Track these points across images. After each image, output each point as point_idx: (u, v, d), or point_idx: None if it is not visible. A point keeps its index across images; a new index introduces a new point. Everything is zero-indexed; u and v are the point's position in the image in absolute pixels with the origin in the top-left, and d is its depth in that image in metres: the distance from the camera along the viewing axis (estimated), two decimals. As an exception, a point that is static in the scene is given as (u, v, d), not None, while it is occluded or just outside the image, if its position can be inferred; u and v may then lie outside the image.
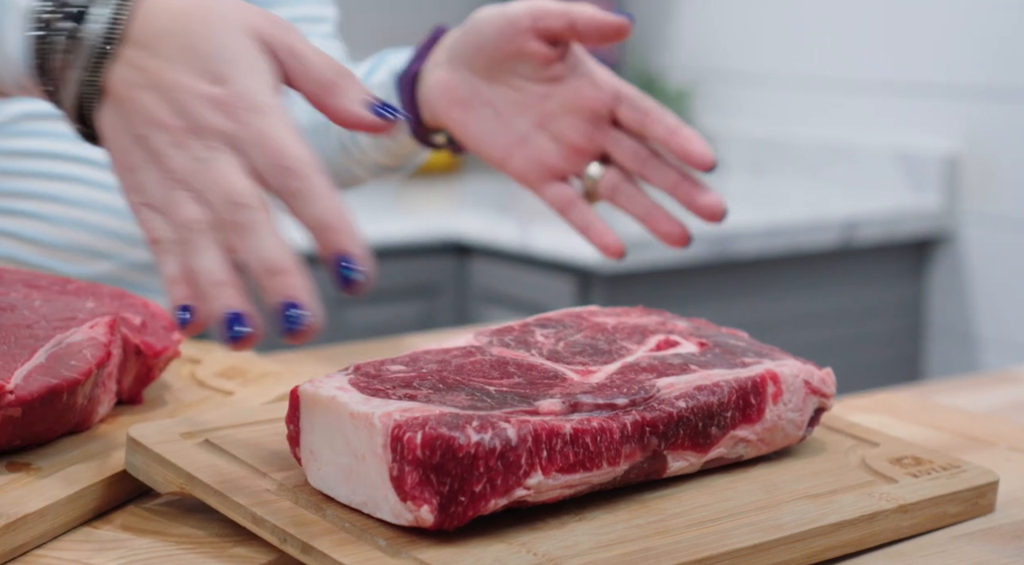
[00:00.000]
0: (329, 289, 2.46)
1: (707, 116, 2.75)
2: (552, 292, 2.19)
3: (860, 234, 2.25)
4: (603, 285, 2.12)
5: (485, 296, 2.32)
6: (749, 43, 2.67)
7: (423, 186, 2.67)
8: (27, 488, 0.64)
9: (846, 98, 2.50)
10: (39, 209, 0.95)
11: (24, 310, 0.72)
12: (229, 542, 0.64)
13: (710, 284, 2.19)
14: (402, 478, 0.59)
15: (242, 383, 0.82)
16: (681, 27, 2.79)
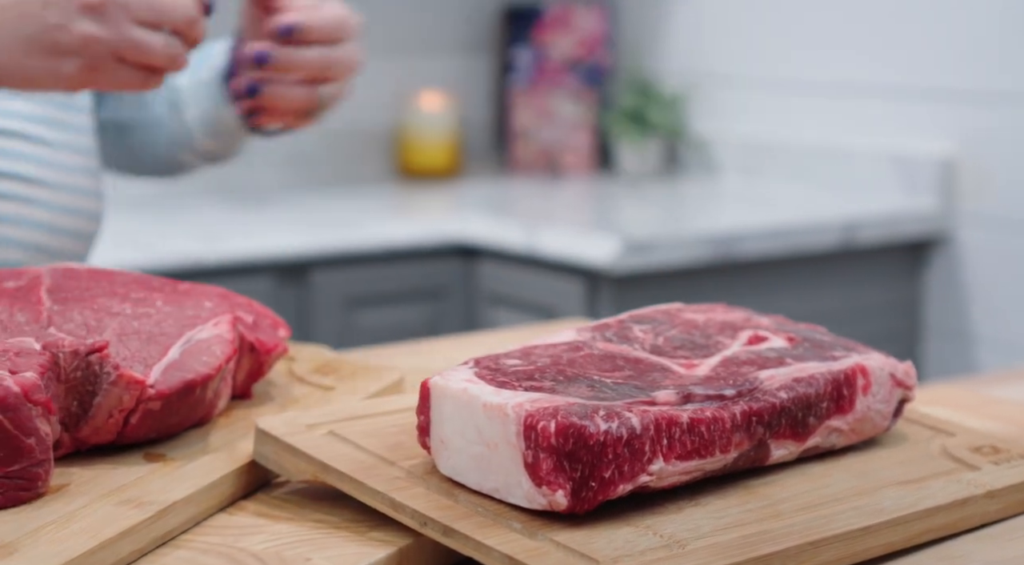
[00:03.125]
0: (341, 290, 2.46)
1: (702, 120, 2.80)
2: (560, 294, 2.23)
3: (859, 236, 2.30)
4: (611, 286, 2.17)
5: (492, 298, 2.35)
6: (744, 47, 2.72)
7: (426, 190, 2.70)
8: (168, 477, 0.67)
9: (841, 101, 2.56)
10: None
11: (150, 310, 0.76)
12: (364, 526, 0.67)
13: (714, 284, 2.23)
14: (536, 465, 0.63)
15: (338, 379, 0.85)
16: (676, 31, 2.84)
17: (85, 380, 0.67)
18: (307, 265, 2.22)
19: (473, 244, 2.34)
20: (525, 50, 2.87)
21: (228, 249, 2.15)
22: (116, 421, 0.68)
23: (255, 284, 2.15)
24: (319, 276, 2.24)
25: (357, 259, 2.27)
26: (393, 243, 2.30)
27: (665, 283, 2.20)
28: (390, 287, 2.32)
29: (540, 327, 1.29)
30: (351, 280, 2.27)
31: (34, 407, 0.62)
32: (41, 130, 1.00)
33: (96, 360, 0.67)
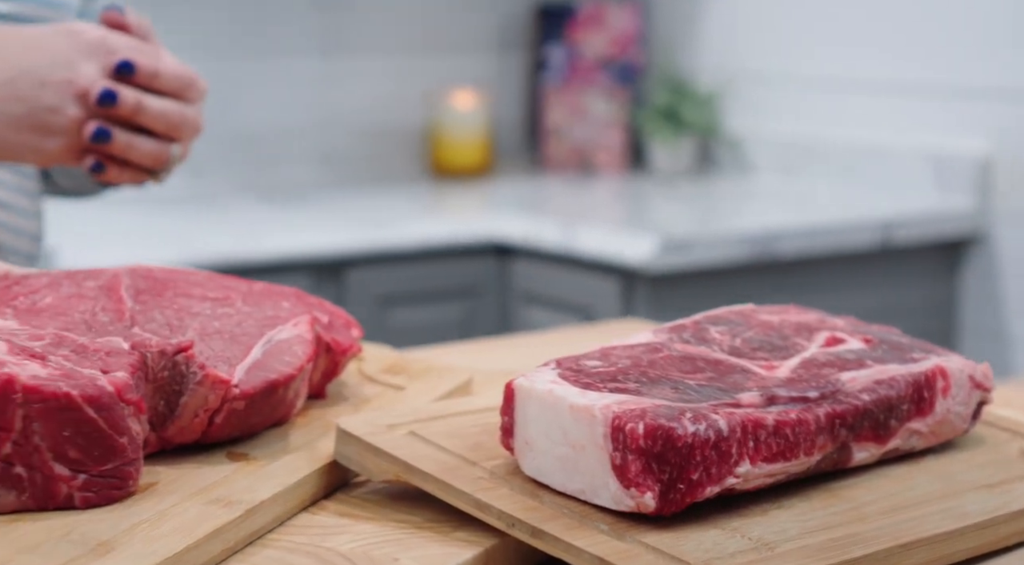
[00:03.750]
0: (376, 288, 2.47)
1: (737, 118, 2.79)
2: (596, 293, 2.23)
3: (896, 235, 2.30)
4: (647, 285, 2.17)
5: (527, 297, 2.35)
6: (779, 44, 2.72)
7: (459, 188, 2.70)
8: (253, 477, 0.68)
9: (877, 99, 2.55)
10: None
11: (229, 310, 0.76)
12: (447, 527, 0.67)
13: (752, 284, 2.23)
14: (625, 466, 0.63)
15: (408, 379, 0.86)
16: (710, 28, 2.84)
17: (172, 380, 0.67)
18: (342, 263, 2.23)
19: (507, 243, 2.34)
20: (558, 48, 2.87)
21: (265, 247, 2.16)
22: (201, 420, 0.68)
23: (291, 282, 2.15)
24: (354, 274, 2.24)
25: (392, 258, 2.27)
26: (427, 241, 2.30)
27: (702, 282, 2.19)
28: (424, 286, 2.33)
29: (585, 328, 1.29)
30: (386, 278, 2.28)
31: (126, 406, 0.62)
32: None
33: (182, 360, 0.67)
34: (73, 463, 0.61)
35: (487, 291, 2.38)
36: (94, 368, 0.63)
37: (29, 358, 0.63)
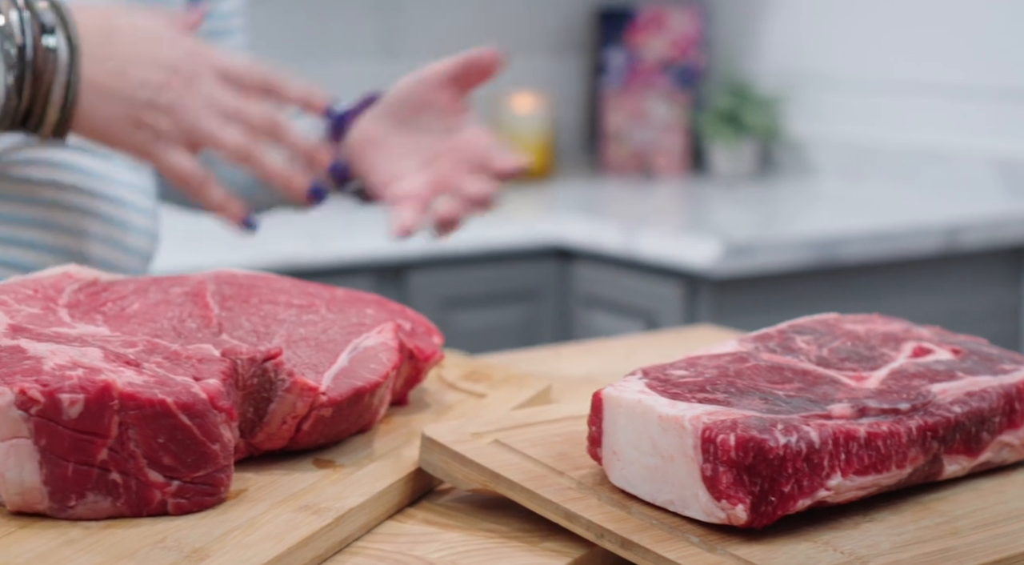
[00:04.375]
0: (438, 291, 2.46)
1: (798, 121, 2.77)
2: (658, 297, 2.22)
3: (962, 240, 2.27)
4: (711, 290, 2.15)
5: (588, 301, 2.35)
6: (841, 47, 2.70)
7: (519, 191, 2.70)
8: (340, 484, 0.68)
9: (940, 102, 2.52)
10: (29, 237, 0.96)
11: (314, 316, 0.76)
12: (536, 537, 0.67)
13: (815, 289, 2.21)
14: (715, 478, 0.63)
15: (489, 386, 0.86)
16: (771, 32, 2.82)
17: (261, 387, 0.67)
18: (404, 266, 2.23)
19: (568, 246, 2.34)
20: (618, 51, 2.86)
21: (328, 250, 2.17)
22: (289, 427, 0.69)
23: (354, 285, 2.16)
24: (416, 277, 2.25)
25: (453, 261, 2.28)
26: (489, 244, 2.30)
27: (765, 287, 2.18)
28: (486, 288, 2.33)
29: (658, 334, 1.28)
30: (447, 281, 2.28)
31: (219, 414, 0.63)
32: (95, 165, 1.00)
33: (271, 367, 0.67)
34: (167, 470, 0.62)
35: (548, 294, 2.38)
36: (187, 375, 0.64)
37: (124, 365, 0.63)
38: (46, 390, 0.59)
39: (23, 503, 0.60)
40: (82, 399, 0.59)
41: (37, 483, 0.59)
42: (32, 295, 0.72)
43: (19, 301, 0.70)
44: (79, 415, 0.60)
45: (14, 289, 0.72)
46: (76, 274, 0.77)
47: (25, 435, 0.59)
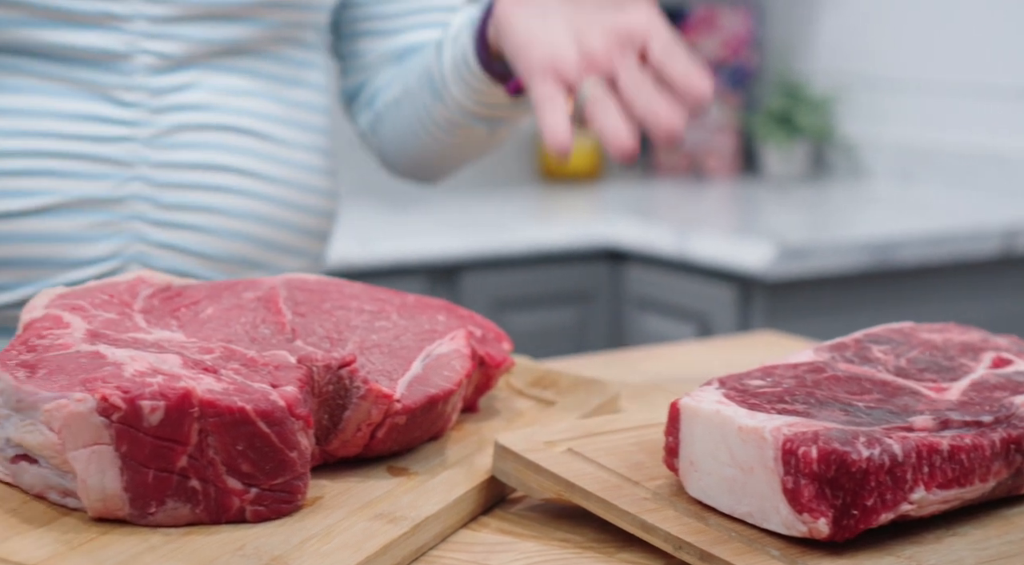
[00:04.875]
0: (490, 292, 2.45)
1: (853, 123, 2.75)
2: (711, 299, 2.21)
3: (1019, 243, 2.24)
4: (765, 293, 2.14)
5: (640, 303, 2.34)
6: (895, 47, 2.67)
7: (570, 193, 2.70)
8: (415, 492, 0.68)
9: (997, 104, 2.49)
10: (200, 221, 0.97)
11: (386, 323, 0.76)
12: (611, 547, 0.67)
13: (871, 292, 2.19)
14: (797, 491, 0.62)
15: (558, 393, 0.85)
16: (824, 32, 2.80)
17: (336, 394, 0.67)
18: (457, 267, 2.23)
19: (620, 248, 2.33)
20: (669, 52, 2.84)
21: (381, 251, 2.17)
22: (364, 435, 0.68)
23: (407, 286, 2.16)
24: (469, 278, 2.25)
25: (505, 262, 2.28)
26: (541, 246, 2.30)
27: (820, 290, 2.16)
28: (538, 290, 2.32)
29: (725, 340, 1.27)
30: (500, 283, 2.28)
31: (296, 421, 0.63)
32: (273, 128, 1.01)
33: (346, 374, 0.67)
34: (245, 477, 0.62)
35: (600, 296, 2.37)
36: (264, 382, 0.64)
37: (203, 372, 0.63)
38: (127, 397, 0.59)
39: (104, 509, 0.60)
40: (163, 406, 0.59)
41: (118, 489, 0.59)
42: (108, 300, 0.72)
43: (96, 306, 0.70)
44: (159, 422, 0.60)
45: (90, 294, 0.72)
46: (149, 279, 0.77)
47: (106, 441, 0.59)
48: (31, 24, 0.92)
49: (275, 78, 1.02)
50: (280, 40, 1.02)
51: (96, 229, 0.93)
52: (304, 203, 1.02)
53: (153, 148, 0.94)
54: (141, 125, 0.94)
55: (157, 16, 0.95)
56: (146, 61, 0.95)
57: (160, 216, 0.95)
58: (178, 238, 0.96)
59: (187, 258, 0.96)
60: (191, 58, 0.97)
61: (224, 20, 0.98)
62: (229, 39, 0.99)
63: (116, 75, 0.94)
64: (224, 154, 0.98)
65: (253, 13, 0.99)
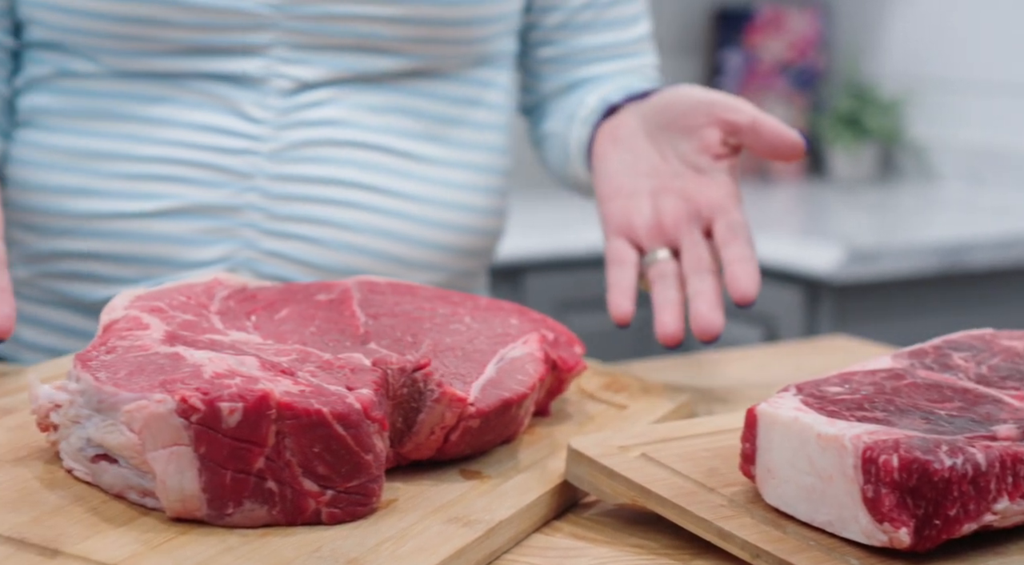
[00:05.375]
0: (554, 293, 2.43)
1: (921, 125, 2.71)
2: (778, 302, 2.19)
3: (1094, 248, 2.20)
4: (832, 296, 2.12)
5: (705, 304, 2.32)
6: (964, 49, 2.63)
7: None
8: (489, 496, 0.67)
9: (1073, 108, 2.45)
10: (313, 232, 0.97)
11: (459, 326, 0.76)
12: (686, 554, 0.66)
13: (940, 296, 2.17)
14: (877, 500, 0.61)
15: (630, 397, 0.85)
16: (893, 34, 2.76)
17: (410, 397, 0.67)
18: (522, 268, 2.23)
19: (686, 250, 2.32)
20: (735, 53, 2.83)
21: (446, 251, 2.18)
22: (437, 438, 0.68)
23: (471, 286, 2.16)
24: (533, 280, 2.24)
25: (569, 263, 2.27)
26: (598, 247, 2.29)
27: (889, 294, 2.14)
28: (601, 291, 2.31)
29: (796, 345, 1.26)
30: (564, 284, 2.27)
31: (372, 424, 0.63)
32: (416, 146, 1.00)
33: (420, 377, 0.67)
34: (321, 479, 0.62)
35: (664, 299, 2.35)
36: (339, 385, 0.64)
37: (280, 374, 0.63)
38: (206, 398, 0.59)
39: (183, 510, 0.60)
40: (241, 408, 0.60)
41: (196, 490, 0.60)
42: (185, 302, 0.72)
43: (174, 308, 0.71)
44: (238, 424, 0.60)
45: (168, 296, 0.73)
46: (226, 280, 0.77)
47: (185, 442, 0.60)
48: (175, 55, 0.95)
49: (437, 97, 1.02)
50: (434, 67, 1.01)
51: (210, 234, 0.96)
52: (449, 220, 1.02)
53: (273, 162, 0.96)
54: (265, 140, 0.96)
55: (296, 44, 0.96)
56: (281, 84, 0.97)
57: (272, 226, 0.96)
58: (288, 247, 0.97)
59: (295, 266, 0.97)
60: (328, 81, 0.98)
61: (366, 52, 0.98)
62: (372, 70, 0.99)
63: (251, 93, 0.96)
64: (348, 169, 0.98)
65: (400, 48, 0.99)
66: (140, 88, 0.97)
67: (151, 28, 0.94)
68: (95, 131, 0.97)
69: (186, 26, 0.94)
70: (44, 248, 0.99)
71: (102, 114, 0.97)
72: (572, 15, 1.08)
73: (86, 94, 0.97)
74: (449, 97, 1.03)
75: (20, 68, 1.01)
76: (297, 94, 0.97)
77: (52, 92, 0.98)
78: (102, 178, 0.97)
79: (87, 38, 0.95)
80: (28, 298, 1.02)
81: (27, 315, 1.02)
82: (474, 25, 1.01)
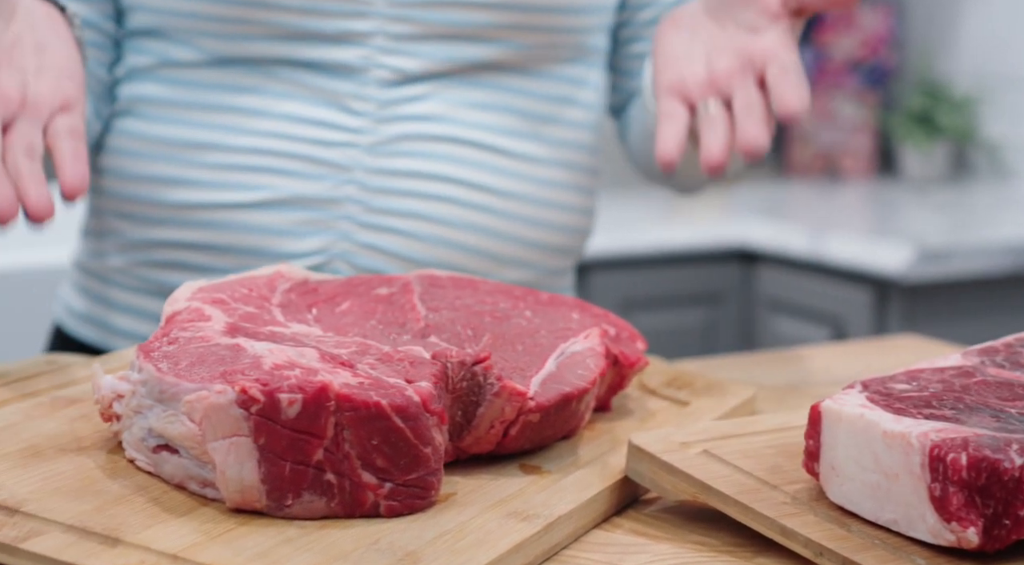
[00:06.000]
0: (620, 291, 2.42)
1: (995, 123, 2.67)
2: (846, 302, 2.16)
3: None
4: (902, 296, 2.09)
5: (772, 305, 2.30)
6: (1042, 47, 2.58)
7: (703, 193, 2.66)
8: (548, 491, 0.67)
9: None
10: (409, 226, 0.97)
11: (520, 320, 0.75)
12: (747, 552, 0.65)
13: (1013, 296, 2.13)
14: (945, 499, 0.60)
15: (692, 393, 0.84)
16: (967, 30, 2.72)
17: (470, 390, 0.67)
18: (586, 266, 2.22)
19: (752, 249, 2.30)
20: (804, 50, 2.80)
21: (511, 250, 2.17)
22: (496, 432, 0.68)
23: (536, 285, 2.16)
24: (598, 278, 2.23)
25: (635, 262, 2.26)
26: (671, 246, 2.28)
27: (959, 295, 2.10)
28: (667, 290, 2.30)
29: (865, 343, 1.24)
30: (628, 282, 2.26)
31: (431, 416, 0.62)
32: (512, 143, 1.00)
33: (480, 371, 0.67)
34: (380, 471, 0.62)
35: (730, 298, 2.34)
36: (399, 377, 0.64)
37: (339, 366, 0.63)
38: (266, 389, 0.60)
39: (242, 501, 0.60)
40: (300, 399, 0.60)
41: (256, 481, 0.60)
42: (247, 294, 0.73)
43: (235, 300, 0.71)
44: (297, 415, 0.60)
45: (231, 288, 0.73)
46: (287, 273, 0.78)
47: (245, 433, 0.60)
48: (276, 40, 0.96)
49: (530, 94, 1.02)
50: (531, 60, 1.01)
51: (306, 226, 0.96)
52: (541, 218, 1.01)
53: (372, 155, 0.96)
54: (365, 133, 0.96)
55: (397, 34, 0.97)
56: (381, 75, 0.97)
57: (369, 219, 0.97)
58: (384, 241, 0.97)
59: (390, 259, 0.97)
60: (428, 74, 0.98)
61: (466, 40, 0.98)
62: (471, 59, 0.99)
63: (351, 84, 0.96)
64: (445, 164, 0.98)
65: (499, 35, 0.99)
66: (239, 79, 0.97)
67: (254, 10, 0.94)
68: (194, 121, 0.98)
69: (290, 9, 0.94)
70: (140, 237, 1.00)
71: (202, 105, 0.97)
72: (664, 11, 1.07)
73: (186, 84, 0.98)
74: (544, 95, 1.03)
75: (121, 57, 1.02)
76: (396, 87, 0.97)
77: (153, 81, 0.99)
78: (200, 168, 0.97)
79: (189, 21, 0.96)
80: (123, 286, 1.02)
81: (122, 303, 1.02)
82: (571, 14, 1.01)
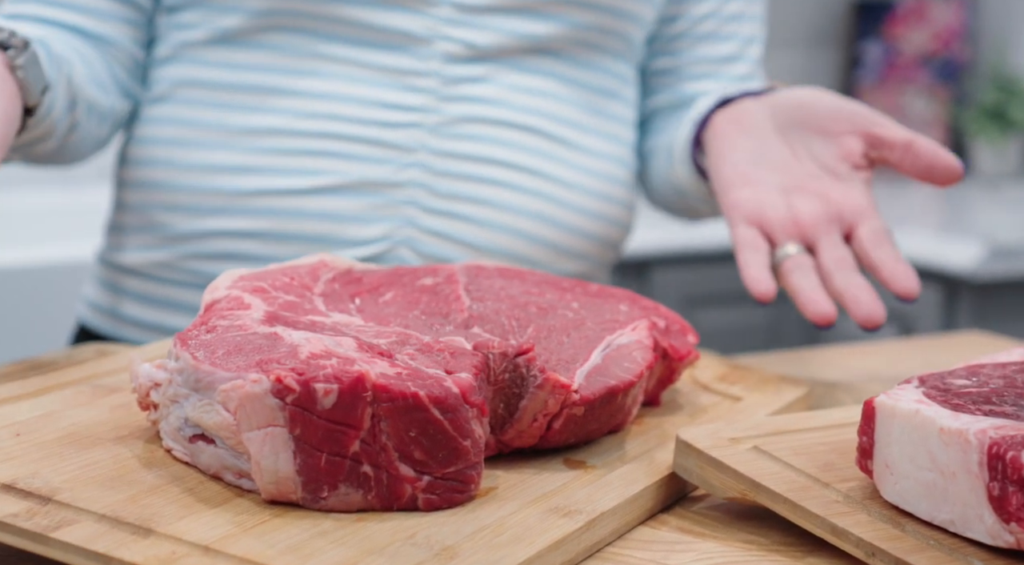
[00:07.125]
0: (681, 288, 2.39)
1: (1071, 117, 2.60)
2: (916, 300, 2.12)
3: None
4: (972, 294, 2.04)
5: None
6: (1120, 40, 2.51)
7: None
8: (592, 486, 0.65)
9: None
10: (475, 212, 0.95)
11: (566, 312, 0.74)
12: (798, 551, 0.63)
13: (1089, 296, 2.07)
14: (1004, 498, 0.57)
15: (745, 388, 0.82)
16: (1042, 24, 2.65)
17: (512, 383, 0.65)
18: (648, 263, 2.20)
19: (820, 246, 2.26)
20: (875, 44, 2.75)
21: (572, 246, 2.16)
22: (540, 425, 0.66)
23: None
24: (659, 274, 2.21)
25: (698, 258, 2.23)
26: (726, 242, 2.24)
27: (1032, 292, 2.05)
28: (730, 287, 2.27)
29: (931, 340, 1.21)
30: (691, 279, 2.23)
31: (470, 409, 0.61)
32: (567, 132, 0.99)
33: (523, 362, 0.65)
34: (418, 464, 0.60)
35: (796, 296, 2.30)
36: (438, 368, 0.62)
37: (377, 356, 0.62)
38: (301, 379, 0.58)
39: (277, 492, 0.59)
40: (336, 389, 0.59)
41: (291, 473, 0.59)
42: (289, 283, 0.72)
43: (276, 289, 0.70)
44: (333, 405, 0.59)
45: (272, 276, 0.72)
46: (331, 263, 0.77)
47: (280, 423, 0.59)
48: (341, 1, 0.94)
49: (583, 85, 1.01)
50: (586, 45, 1.00)
51: (372, 211, 0.94)
52: (596, 210, 1.00)
53: (437, 136, 0.95)
54: (429, 112, 0.95)
55: (463, 4, 0.95)
56: (445, 47, 0.95)
57: (434, 204, 0.95)
58: (449, 227, 0.95)
59: (455, 246, 0.96)
60: (489, 51, 0.96)
61: (528, 14, 0.97)
62: (532, 35, 0.97)
63: (413, 59, 0.95)
64: (508, 150, 0.97)
65: (559, 10, 0.97)
66: (294, 62, 0.95)
67: None
68: (250, 106, 0.95)
69: None
70: (192, 228, 0.96)
71: (257, 88, 0.95)
72: (694, 25, 1.06)
73: (236, 67, 0.95)
74: (594, 87, 1.01)
75: (158, 39, 0.99)
76: (459, 63, 0.95)
77: (199, 64, 0.96)
78: (260, 154, 0.94)
79: None
80: (170, 282, 0.98)
81: (170, 300, 0.99)
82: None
